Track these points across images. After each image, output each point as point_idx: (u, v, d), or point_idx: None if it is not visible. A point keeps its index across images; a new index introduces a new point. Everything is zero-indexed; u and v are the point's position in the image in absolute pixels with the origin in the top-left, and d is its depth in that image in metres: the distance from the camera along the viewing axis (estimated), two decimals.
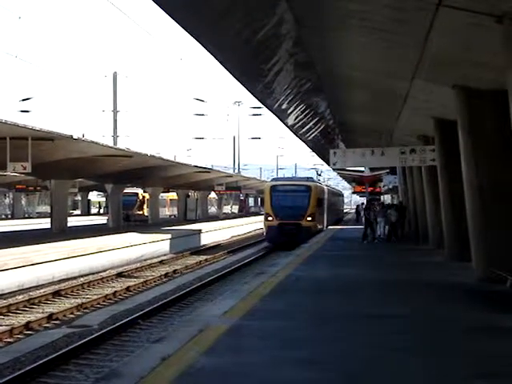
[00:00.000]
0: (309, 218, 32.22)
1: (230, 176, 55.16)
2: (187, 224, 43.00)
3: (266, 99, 20.73)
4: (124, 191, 40.96)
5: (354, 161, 21.23)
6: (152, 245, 28.67)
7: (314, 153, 50.59)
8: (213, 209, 73.39)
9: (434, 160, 18.80)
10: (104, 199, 76.48)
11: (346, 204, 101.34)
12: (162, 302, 15.97)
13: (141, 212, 54.07)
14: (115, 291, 18.09)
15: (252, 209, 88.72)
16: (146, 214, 51.05)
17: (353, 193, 56.38)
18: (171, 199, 61.93)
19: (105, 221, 44.93)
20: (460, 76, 12.64)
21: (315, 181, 39.69)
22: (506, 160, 12.90)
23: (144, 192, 52.68)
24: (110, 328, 12.65)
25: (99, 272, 22.27)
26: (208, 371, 6.34)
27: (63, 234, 29.14)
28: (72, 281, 20.10)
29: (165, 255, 28.95)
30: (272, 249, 31.15)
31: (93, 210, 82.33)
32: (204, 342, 7.48)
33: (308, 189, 33.29)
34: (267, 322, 8.91)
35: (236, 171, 65.80)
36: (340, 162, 20.68)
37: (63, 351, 10.67)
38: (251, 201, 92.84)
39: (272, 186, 33.90)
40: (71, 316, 14.88)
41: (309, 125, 27.72)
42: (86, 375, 9.68)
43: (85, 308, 15.80)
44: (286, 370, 6.38)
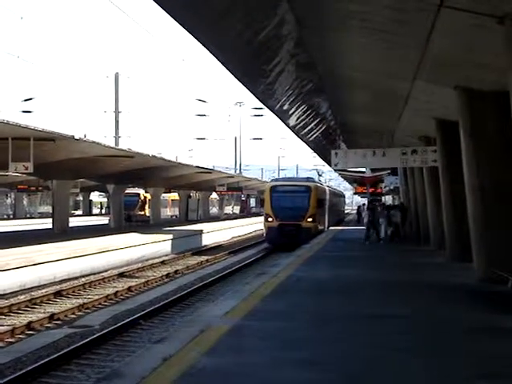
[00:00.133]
0: (309, 219, 31.99)
1: (232, 177, 55.18)
2: (188, 224, 43.01)
3: (268, 100, 20.73)
4: (126, 191, 40.99)
5: (356, 161, 21.21)
6: (153, 245, 28.69)
7: (316, 154, 50.53)
8: (214, 209, 73.42)
9: (436, 161, 18.79)
10: (106, 199, 76.53)
11: (348, 205, 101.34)
12: (164, 303, 15.98)
13: (142, 212, 54.09)
14: (117, 291, 18.11)
15: (253, 209, 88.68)
16: (148, 215, 51.10)
17: (354, 194, 56.32)
18: (173, 200, 61.93)
19: (106, 221, 44.98)
20: (462, 77, 12.64)
21: (316, 181, 39.54)
22: (508, 161, 12.90)
23: (146, 192, 52.70)
24: (112, 328, 12.67)
25: (100, 272, 22.29)
26: (209, 371, 6.35)
27: (65, 235, 29.15)
28: (73, 281, 20.13)
29: (166, 255, 28.97)
30: (273, 249, 31.06)
31: (94, 211, 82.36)
32: (205, 343, 7.49)
33: (308, 189, 33.04)
34: (268, 323, 8.92)
35: (237, 172, 65.81)
36: (341, 163, 20.68)
37: (65, 351, 10.68)
38: (252, 201, 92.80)
39: (272, 187, 33.59)
40: (73, 316, 14.90)
41: (310, 125, 27.72)
42: (88, 375, 9.70)
43: (86, 308, 15.81)
44: (287, 371, 6.39)
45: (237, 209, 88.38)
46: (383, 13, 10.14)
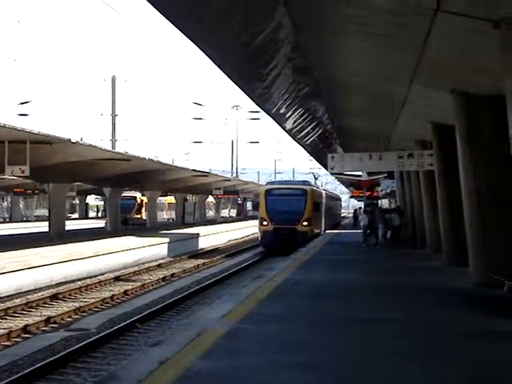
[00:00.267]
0: (305, 223, 31.76)
1: (228, 180, 55.18)
2: (185, 228, 43.00)
3: (264, 103, 20.74)
4: (122, 195, 40.96)
5: (352, 165, 21.22)
6: (150, 248, 28.68)
7: (312, 157, 50.58)
8: (211, 213, 73.40)
9: (432, 165, 18.81)
10: (102, 203, 76.45)
11: (344, 208, 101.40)
12: (160, 306, 15.97)
13: (139, 216, 54.07)
14: (113, 295, 18.10)
15: (250, 213, 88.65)
16: (144, 218, 51.04)
17: (351, 197, 56.45)
18: (169, 203, 61.93)
19: (103, 224, 44.93)
20: (458, 81, 12.67)
21: (311, 184, 39.43)
22: (504, 165, 12.88)
23: (142, 196, 52.69)
24: (108, 331, 12.66)
25: (97, 275, 22.27)
26: (206, 375, 6.35)
27: (61, 238, 29.12)
28: (70, 284, 20.11)
29: (163, 259, 28.96)
30: (269, 253, 30.93)
31: (91, 214, 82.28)
32: (202, 346, 7.49)
33: (304, 192, 32.83)
34: (265, 326, 8.92)
35: (234, 175, 65.78)
36: (338, 167, 20.69)
37: (61, 354, 10.68)
38: (249, 205, 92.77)
39: (267, 190, 33.17)
40: (69, 319, 14.89)
41: (307, 129, 27.73)
42: (84, 379, 9.69)
43: (83, 311, 15.81)
44: (284, 374, 6.39)
45: (233, 212, 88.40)
46: (380, 17, 10.17)
